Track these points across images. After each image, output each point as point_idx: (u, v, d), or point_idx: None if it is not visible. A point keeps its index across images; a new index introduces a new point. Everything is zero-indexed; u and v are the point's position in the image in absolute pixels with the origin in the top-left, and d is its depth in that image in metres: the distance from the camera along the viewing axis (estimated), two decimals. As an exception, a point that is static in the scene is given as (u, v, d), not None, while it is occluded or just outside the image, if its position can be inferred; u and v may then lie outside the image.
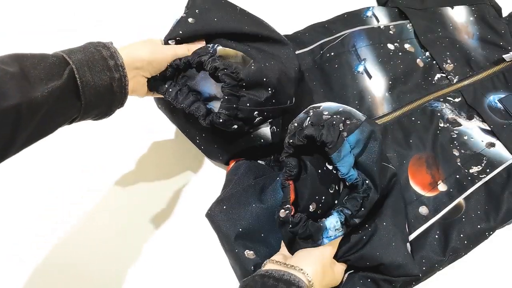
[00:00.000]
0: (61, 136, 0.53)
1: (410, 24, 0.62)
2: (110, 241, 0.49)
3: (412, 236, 0.46)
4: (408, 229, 0.46)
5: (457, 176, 0.51)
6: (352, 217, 0.39)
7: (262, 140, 0.48)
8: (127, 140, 0.55)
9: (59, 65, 0.34)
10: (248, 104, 0.43)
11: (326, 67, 0.56)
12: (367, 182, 0.40)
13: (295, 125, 0.41)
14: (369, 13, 0.63)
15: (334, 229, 0.39)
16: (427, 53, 0.60)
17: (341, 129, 0.40)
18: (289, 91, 0.47)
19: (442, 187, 0.50)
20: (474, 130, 0.55)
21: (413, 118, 0.55)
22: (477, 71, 0.59)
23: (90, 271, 0.47)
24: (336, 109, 0.42)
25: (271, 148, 0.50)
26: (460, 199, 0.49)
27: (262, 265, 0.40)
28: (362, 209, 0.39)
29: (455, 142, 0.53)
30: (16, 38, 0.62)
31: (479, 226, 0.48)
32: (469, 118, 0.56)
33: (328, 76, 0.56)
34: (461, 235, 0.47)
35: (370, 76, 0.57)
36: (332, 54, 0.57)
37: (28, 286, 0.46)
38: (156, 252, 0.48)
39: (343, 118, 0.41)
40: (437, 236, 0.47)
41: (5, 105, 0.30)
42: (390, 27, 0.61)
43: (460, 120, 0.55)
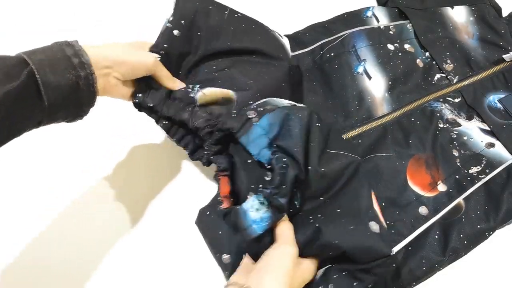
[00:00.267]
0: (61, 136, 0.54)
1: (410, 24, 0.62)
2: (111, 241, 0.49)
3: (412, 236, 0.46)
4: (408, 229, 0.46)
5: (457, 177, 0.51)
6: (274, 196, 0.38)
7: None
8: (129, 140, 0.55)
9: (19, 66, 0.34)
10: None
11: (326, 68, 0.56)
12: (284, 160, 0.38)
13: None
14: (369, 13, 0.63)
15: (255, 210, 0.38)
16: (427, 53, 0.60)
17: (251, 116, 0.42)
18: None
19: (442, 188, 0.50)
20: (474, 131, 0.55)
21: (413, 119, 0.55)
22: (477, 71, 0.59)
23: (90, 271, 0.47)
24: (263, 101, 0.45)
25: None
26: (460, 200, 0.49)
27: None
28: (283, 187, 0.38)
29: (455, 143, 0.53)
30: (16, 38, 0.62)
31: (479, 226, 0.48)
32: (469, 119, 0.56)
33: (328, 77, 0.56)
34: (461, 235, 0.47)
35: (370, 77, 0.56)
36: (332, 55, 0.57)
37: (28, 286, 0.46)
38: (156, 252, 0.48)
39: (256, 107, 0.43)
40: (437, 236, 0.47)
41: None
42: (390, 27, 0.61)
43: (460, 121, 0.55)
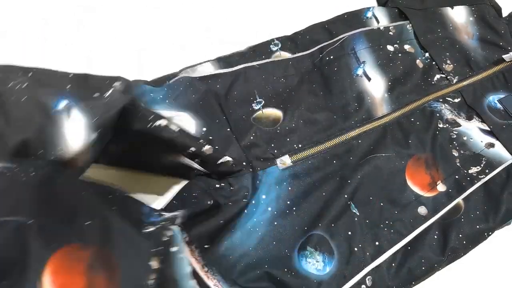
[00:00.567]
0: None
1: (410, 25, 0.62)
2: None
3: (411, 236, 0.46)
4: (407, 229, 0.46)
5: (456, 177, 0.51)
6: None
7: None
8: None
9: None
10: None
11: (326, 70, 0.57)
12: None
13: None
14: (369, 14, 0.63)
15: None
16: (427, 54, 0.60)
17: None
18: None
19: (441, 188, 0.50)
20: (474, 131, 0.55)
21: (413, 119, 0.55)
22: (477, 72, 0.59)
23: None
24: None
25: None
26: (459, 200, 0.50)
27: None
28: None
29: (455, 143, 0.53)
30: (16, 38, 0.62)
31: (478, 227, 0.48)
32: (469, 119, 0.56)
33: (328, 79, 0.56)
34: (460, 236, 0.47)
35: (369, 78, 0.57)
36: (332, 57, 0.57)
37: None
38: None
39: None
40: (436, 237, 0.47)
41: None
42: (390, 28, 0.61)
43: (460, 121, 0.55)
